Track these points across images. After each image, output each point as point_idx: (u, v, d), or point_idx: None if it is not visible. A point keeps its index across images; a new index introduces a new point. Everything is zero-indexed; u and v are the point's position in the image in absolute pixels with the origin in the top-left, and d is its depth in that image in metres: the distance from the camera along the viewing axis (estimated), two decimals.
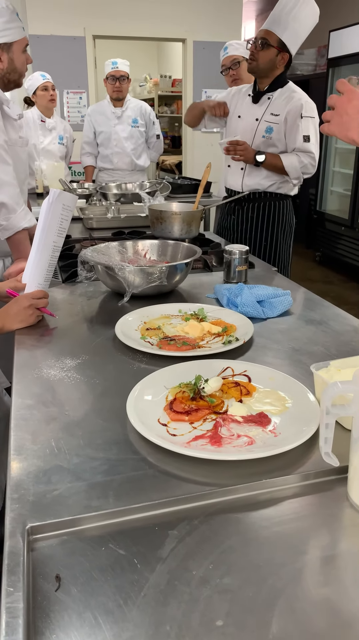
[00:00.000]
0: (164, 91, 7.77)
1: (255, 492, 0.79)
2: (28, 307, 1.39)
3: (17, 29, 1.86)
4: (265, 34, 2.45)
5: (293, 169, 2.53)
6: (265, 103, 2.58)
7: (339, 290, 5.11)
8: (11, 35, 1.85)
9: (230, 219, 2.78)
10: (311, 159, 2.51)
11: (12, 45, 1.86)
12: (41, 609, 0.60)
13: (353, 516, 0.75)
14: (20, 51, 1.89)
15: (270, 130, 2.55)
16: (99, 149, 4.30)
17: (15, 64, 1.89)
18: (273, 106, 2.55)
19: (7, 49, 1.85)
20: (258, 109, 2.61)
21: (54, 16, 5.26)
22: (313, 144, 2.51)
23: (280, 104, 2.53)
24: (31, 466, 0.84)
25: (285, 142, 2.55)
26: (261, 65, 2.49)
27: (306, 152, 2.51)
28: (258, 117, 2.59)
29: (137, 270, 1.51)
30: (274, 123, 2.53)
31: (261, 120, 2.58)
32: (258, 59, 2.47)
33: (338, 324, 1.44)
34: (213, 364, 1.14)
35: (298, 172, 2.54)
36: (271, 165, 2.56)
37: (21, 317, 1.38)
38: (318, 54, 6.47)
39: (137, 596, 0.61)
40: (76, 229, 2.68)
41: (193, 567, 0.65)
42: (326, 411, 0.74)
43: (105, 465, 0.84)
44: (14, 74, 1.90)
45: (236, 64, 3.36)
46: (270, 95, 2.57)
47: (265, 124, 2.56)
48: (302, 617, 0.59)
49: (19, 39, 1.88)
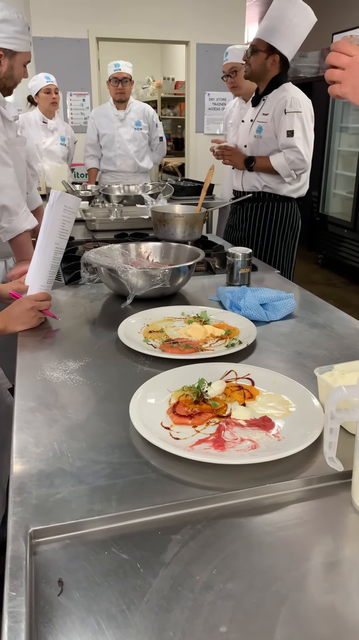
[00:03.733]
0: (167, 93, 7.78)
1: (259, 497, 0.78)
2: (30, 310, 1.39)
3: (25, 41, 1.90)
4: (254, 42, 2.55)
5: (282, 167, 2.54)
6: (260, 104, 2.66)
7: (342, 293, 5.10)
8: (18, 46, 1.87)
9: (233, 218, 2.83)
10: (297, 154, 2.49)
11: (16, 54, 1.88)
12: (43, 614, 0.60)
13: (357, 522, 0.75)
14: (21, 63, 1.92)
15: (259, 129, 2.60)
16: (102, 151, 4.31)
17: (14, 72, 1.91)
18: (265, 106, 2.61)
19: (10, 56, 1.87)
20: (254, 111, 2.69)
21: (57, 18, 5.27)
22: (298, 139, 2.48)
23: (269, 104, 2.59)
24: (34, 469, 0.84)
25: (275, 140, 2.58)
26: (253, 69, 2.58)
27: (291, 148, 2.50)
28: (252, 118, 2.68)
29: (140, 272, 1.51)
30: (263, 122, 2.59)
31: (255, 121, 2.65)
32: (251, 64, 2.58)
33: (342, 327, 1.43)
34: (216, 367, 1.14)
35: (287, 170, 2.54)
36: (262, 168, 2.61)
37: (24, 319, 1.38)
38: (321, 56, 6.47)
39: (140, 601, 0.61)
40: (79, 231, 2.68)
41: (196, 572, 0.65)
42: (330, 416, 0.74)
43: (108, 469, 0.84)
44: (9, 81, 1.92)
45: (234, 72, 3.39)
46: (265, 97, 2.63)
47: (256, 124, 2.63)
48: (306, 624, 0.59)
49: (23, 52, 1.90)
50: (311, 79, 6.38)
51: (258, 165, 2.60)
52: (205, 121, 6.06)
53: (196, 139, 6.12)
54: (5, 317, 1.37)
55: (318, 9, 2.42)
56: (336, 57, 0.95)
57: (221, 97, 5.88)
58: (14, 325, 1.38)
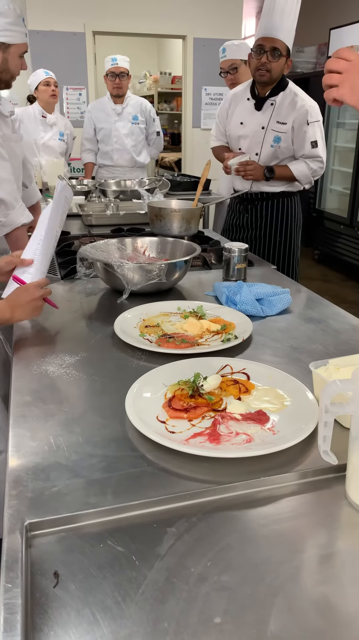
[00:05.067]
0: (164, 88, 7.75)
1: (253, 490, 0.79)
2: (38, 299, 1.32)
3: (19, 33, 1.86)
4: (272, 43, 2.36)
5: (304, 176, 2.55)
6: (268, 109, 2.54)
7: (338, 288, 5.11)
8: (11, 37, 1.84)
9: (243, 217, 2.75)
10: (319, 163, 2.53)
11: (10, 47, 1.85)
12: (39, 606, 0.60)
13: (351, 514, 0.75)
14: (17, 55, 1.89)
15: (277, 139, 2.53)
16: (99, 146, 4.29)
17: (9, 65, 1.88)
18: (278, 113, 2.51)
19: (4, 48, 1.85)
20: (262, 116, 2.56)
21: (54, 12, 5.23)
22: (321, 149, 2.51)
23: (285, 111, 2.49)
24: (30, 463, 0.84)
25: (292, 149, 2.54)
26: (274, 75, 2.44)
27: (315, 158, 2.51)
28: (264, 126, 2.55)
29: (136, 267, 1.51)
30: (282, 132, 2.51)
31: (268, 129, 2.54)
32: (271, 69, 2.41)
33: (337, 323, 1.44)
34: (212, 361, 1.14)
35: (308, 178, 2.56)
36: (282, 177, 2.57)
37: (32, 308, 1.31)
38: (318, 51, 6.46)
39: (135, 593, 0.61)
40: (75, 226, 2.68)
41: (191, 565, 0.65)
42: (325, 409, 0.74)
43: (104, 462, 0.84)
44: (5, 74, 1.90)
45: (234, 69, 3.35)
46: (273, 101, 2.52)
47: (272, 133, 2.54)
48: (300, 615, 0.59)
49: (18, 43, 1.87)
50: (308, 74, 6.36)
51: (277, 175, 2.55)
52: (202, 116, 6.04)
53: (193, 134, 6.10)
54: (13, 305, 1.29)
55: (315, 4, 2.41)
56: (335, 62, 0.98)
57: (218, 92, 5.86)
58: (20, 314, 1.30)
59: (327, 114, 5.56)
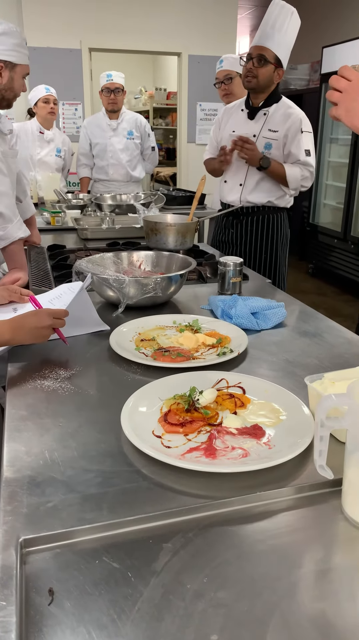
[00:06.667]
0: (159, 104, 7.83)
1: (250, 505, 0.79)
2: (47, 327, 1.24)
3: (23, 54, 1.92)
4: (261, 50, 2.46)
5: (294, 179, 2.56)
6: (261, 119, 2.60)
7: (333, 302, 5.13)
8: (18, 58, 1.89)
9: (228, 233, 2.78)
10: (310, 173, 2.57)
11: (16, 66, 1.90)
12: (34, 624, 0.60)
13: (347, 529, 0.75)
14: (21, 75, 1.94)
15: (268, 146, 2.58)
16: (95, 161, 4.33)
17: (13, 84, 1.92)
18: (271, 122, 2.57)
19: (10, 67, 1.89)
20: (254, 125, 2.62)
21: (50, 28, 5.30)
22: (312, 158, 2.56)
23: (277, 120, 2.56)
24: (25, 478, 0.84)
25: (283, 156, 2.58)
26: (261, 81, 2.50)
27: (307, 166, 2.55)
28: (255, 133, 2.60)
29: (132, 281, 1.51)
30: (273, 139, 2.56)
31: (259, 136, 2.59)
32: (258, 75, 2.49)
33: (332, 336, 1.44)
34: (208, 375, 1.14)
35: (298, 183, 2.58)
36: (274, 173, 2.57)
37: (36, 334, 1.24)
38: (311, 69, 6.55)
39: (131, 610, 0.61)
40: (70, 240, 2.69)
41: (187, 581, 0.65)
42: (320, 424, 0.74)
43: (99, 478, 0.84)
44: (9, 93, 1.93)
45: (229, 80, 3.41)
46: (266, 111, 2.59)
47: (263, 140, 2.59)
48: (297, 632, 0.59)
49: (23, 64, 1.92)
50: (301, 91, 6.46)
51: (272, 168, 2.54)
52: (197, 131, 6.11)
53: (188, 149, 6.16)
54: (16, 327, 1.22)
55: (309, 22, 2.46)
56: (336, 80, 1.01)
57: (212, 108, 5.93)
58: (22, 338, 1.23)
59: (320, 130, 5.63)
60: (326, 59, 5.39)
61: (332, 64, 5.28)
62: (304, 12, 6.29)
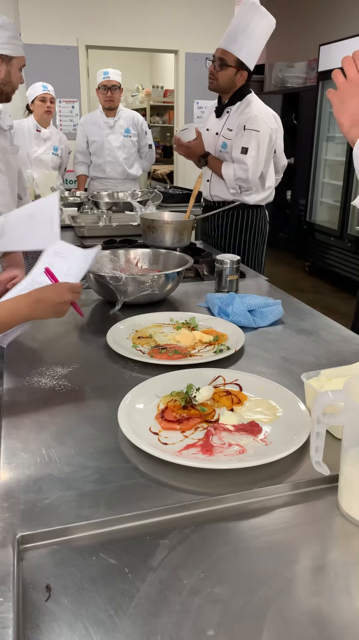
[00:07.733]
0: (156, 101, 7.81)
1: (246, 501, 0.79)
2: (67, 302, 1.18)
3: (19, 46, 1.92)
4: (221, 54, 2.45)
5: (229, 178, 2.55)
6: (224, 117, 2.61)
7: (329, 300, 5.14)
8: (14, 50, 1.89)
9: (206, 226, 2.82)
10: (244, 172, 2.47)
11: (13, 59, 1.90)
12: (31, 620, 0.60)
13: (343, 525, 0.75)
14: (18, 68, 1.94)
15: (224, 145, 2.58)
16: (92, 158, 4.32)
17: (11, 77, 1.92)
18: (230, 121, 2.57)
19: (7, 61, 1.89)
20: (218, 123, 2.64)
21: (47, 26, 5.28)
22: (250, 157, 2.45)
23: (235, 119, 2.55)
24: (21, 475, 0.84)
25: None
26: (221, 84, 2.52)
27: (241, 165, 2.48)
28: (217, 132, 2.63)
29: (129, 278, 1.51)
30: (228, 139, 2.56)
31: (220, 135, 2.61)
32: (218, 78, 2.51)
33: (328, 334, 1.45)
34: (205, 372, 1.15)
35: (232, 183, 2.54)
36: (214, 171, 2.60)
37: (57, 309, 1.17)
38: (308, 67, 6.56)
39: (128, 606, 0.61)
40: (67, 237, 2.67)
41: (184, 577, 0.65)
42: (316, 420, 0.75)
43: (96, 474, 0.84)
44: (7, 87, 1.93)
45: None
46: (229, 109, 2.59)
47: (221, 139, 2.60)
48: (293, 627, 0.59)
49: (19, 56, 1.92)
50: (298, 89, 6.45)
51: (210, 164, 2.59)
52: None
53: None
54: (35, 301, 1.15)
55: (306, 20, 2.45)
56: (336, 75, 1.02)
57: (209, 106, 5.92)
58: (41, 313, 1.16)
59: (317, 128, 5.63)
60: (323, 57, 5.38)
61: (329, 62, 5.27)
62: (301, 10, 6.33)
